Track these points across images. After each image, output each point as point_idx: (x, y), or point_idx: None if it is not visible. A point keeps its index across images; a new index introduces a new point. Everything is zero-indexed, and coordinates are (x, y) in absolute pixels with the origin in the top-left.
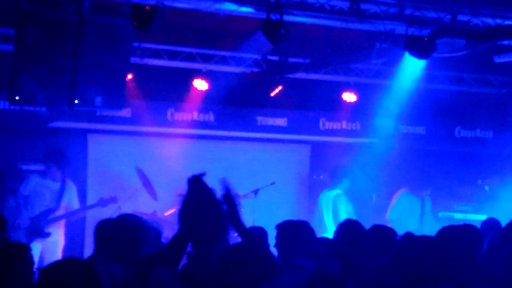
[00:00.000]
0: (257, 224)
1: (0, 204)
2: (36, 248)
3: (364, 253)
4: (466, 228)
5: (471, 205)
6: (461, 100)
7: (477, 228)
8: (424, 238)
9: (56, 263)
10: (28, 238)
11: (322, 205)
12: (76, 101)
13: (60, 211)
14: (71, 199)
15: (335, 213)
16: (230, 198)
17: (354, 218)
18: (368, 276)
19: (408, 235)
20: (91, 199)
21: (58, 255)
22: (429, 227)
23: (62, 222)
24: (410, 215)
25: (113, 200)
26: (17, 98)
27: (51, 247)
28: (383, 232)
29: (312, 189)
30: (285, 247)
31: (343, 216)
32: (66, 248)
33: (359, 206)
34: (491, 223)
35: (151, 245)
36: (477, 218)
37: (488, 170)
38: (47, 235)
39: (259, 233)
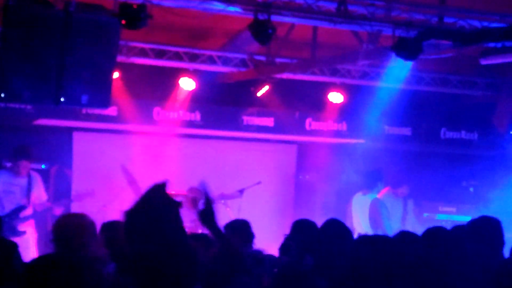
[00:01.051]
0: None
1: None
2: None
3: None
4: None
5: (456, 206)
6: (447, 101)
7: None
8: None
9: (42, 258)
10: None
11: (356, 209)
12: (62, 99)
13: (30, 206)
14: (39, 192)
15: (374, 219)
16: (208, 202)
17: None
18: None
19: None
20: None
21: (33, 250)
22: (411, 228)
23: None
24: (392, 215)
25: (89, 194)
26: (2, 95)
27: (24, 244)
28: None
29: (298, 189)
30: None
31: (385, 221)
32: (39, 243)
33: (344, 208)
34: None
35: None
36: (462, 219)
37: (473, 172)
38: (22, 233)
39: (241, 224)
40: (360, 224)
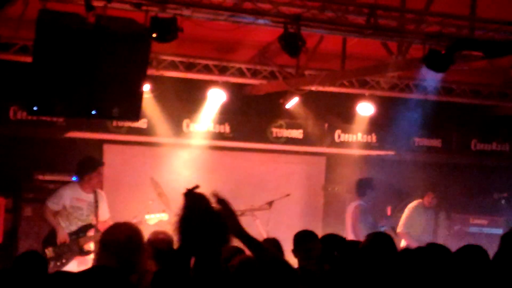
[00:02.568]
0: (271, 235)
1: (16, 214)
2: (73, 266)
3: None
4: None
5: (487, 219)
6: (478, 113)
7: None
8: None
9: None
10: (67, 257)
11: (347, 216)
12: (93, 112)
13: (97, 224)
14: (104, 209)
15: (351, 223)
16: (226, 209)
17: (373, 230)
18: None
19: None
20: None
21: None
22: (443, 241)
23: None
24: (424, 228)
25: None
26: (35, 108)
27: (85, 262)
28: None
29: (327, 200)
30: None
31: (361, 226)
32: None
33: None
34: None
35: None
36: (493, 232)
37: (505, 184)
38: (87, 253)
39: (271, 243)
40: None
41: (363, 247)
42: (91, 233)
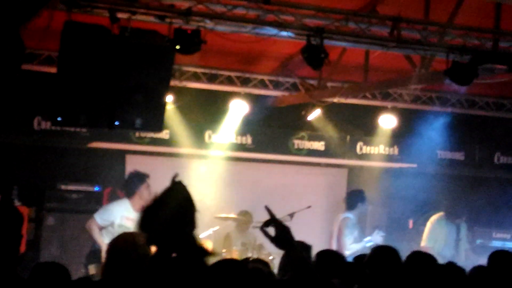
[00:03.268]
0: None
1: (39, 223)
2: None
3: None
4: None
5: (510, 233)
6: (501, 126)
7: None
8: None
9: None
10: None
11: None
12: (116, 123)
13: None
14: None
15: (339, 237)
16: (278, 225)
17: (358, 243)
18: None
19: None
20: None
21: None
22: (464, 254)
23: None
24: (446, 241)
25: None
26: (59, 119)
27: None
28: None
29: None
30: None
31: (345, 240)
32: None
33: (395, 232)
34: None
35: None
36: None
37: None
38: None
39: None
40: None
41: (404, 265)
42: None
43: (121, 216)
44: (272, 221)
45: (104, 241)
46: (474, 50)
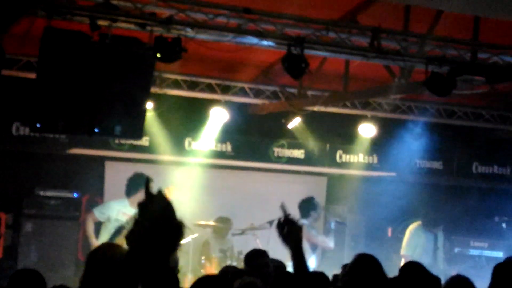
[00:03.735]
0: (272, 255)
1: (17, 229)
2: None
3: None
4: None
5: (488, 242)
6: (479, 135)
7: None
8: None
9: None
10: None
11: None
12: (96, 130)
13: None
14: None
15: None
16: (291, 222)
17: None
18: None
19: None
20: None
21: None
22: (441, 262)
23: None
24: (424, 250)
25: None
26: (38, 125)
27: None
28: None
29: (327, 221)
30: None
31: (320, 237)
32: None
33: (374, 240)
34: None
35: None
36: (493, 255)
37: (506, 207)
38: None
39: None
40: None
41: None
42: None
43: (117, 211)
44: (287, 219)
45: (102, 237)
46: (453, 61)
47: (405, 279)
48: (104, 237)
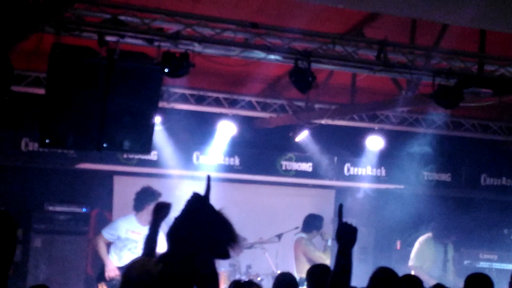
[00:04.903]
0: (281, 268)
1: (26, 244)
2: None
3: None
4: None
5: (497, 254)
6: (487, 147)
7: None
8: None
9: None
10: None
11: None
12: (104, 145)
13: None
14: (162, 246)
15: (297, 257)
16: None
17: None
18: None
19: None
20: None
21: None
22: (452, 275)
23: None
24: (434, 262)
25: None
26: (47, 141)
27: None
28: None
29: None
30: None
31: (316, 253)
32: None
33: (382, 253)
34: None
35: None
36: (503, 267)
37: None
38: None
39: (290, 281)
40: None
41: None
42: None
43: (126, 230)
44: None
45: (108, 257)
46: (459, 73)
47: None
48: (114, 257)
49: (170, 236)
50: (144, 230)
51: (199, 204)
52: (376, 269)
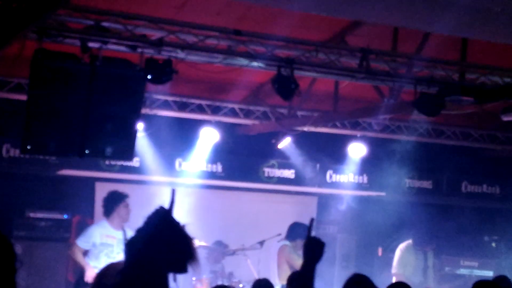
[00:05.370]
0: (262, 275)
1: None
2: None
3: None
4: None
5: (478, 261)
6: (468, 155)
7: None
8: None
9: None
10: None
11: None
12: (86, 151)
13: None
14: None
15: (279, 265)
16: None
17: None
18: None
19: None
20: None
21: None
22: (432, 281)
23: None
24: (414, 268)
25: None
26: (28, 147)
27: None
28: None
29: None
30: None
31: (285, 267)
32: None
33: (364, 260)
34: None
35: None
36: (483, 274)
37: (495, 226)
38: None
39: (266, 285)
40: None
41: None
42: None
43: (100, 235)
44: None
45: (88, 263)
46: (441, 82)
47: None
48: (93, 264)
49: (128, 247)
50: (118, 234)
51: (161, 217)
52: (351, 275)
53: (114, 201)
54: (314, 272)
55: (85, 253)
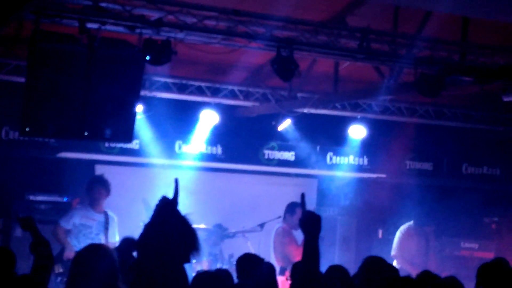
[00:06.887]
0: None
1: (7, 233)
2: None
3: None
4: None
5: (478, 242)
6: (469, 136)
7: None
8: None
9: None
10: None
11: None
12: (85, 133)
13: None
14: (113, 232)
15: (275, 247)
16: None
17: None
18: None
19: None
20: None
21: None
22: (434, 263)
23: None
24: (416, 250)
25: None
26: (27, 129)
27: None
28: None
29: None
30: None
31: (288, 248)
32: None
33: (364, 242)
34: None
35: None
36: (484, 256)
37: (495, 208)
38: None
39: (268, 268)
40: None
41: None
42: None
43: (81, 216)
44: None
45: (68, 242)
46: (441, 62)
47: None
48: (73, 242)
49: (140, 244)
50: (99, 217)
51: (166, 210)
52: (367, 258)
53: (96, 185)
54: (318, 247)
55: (68, 232)
